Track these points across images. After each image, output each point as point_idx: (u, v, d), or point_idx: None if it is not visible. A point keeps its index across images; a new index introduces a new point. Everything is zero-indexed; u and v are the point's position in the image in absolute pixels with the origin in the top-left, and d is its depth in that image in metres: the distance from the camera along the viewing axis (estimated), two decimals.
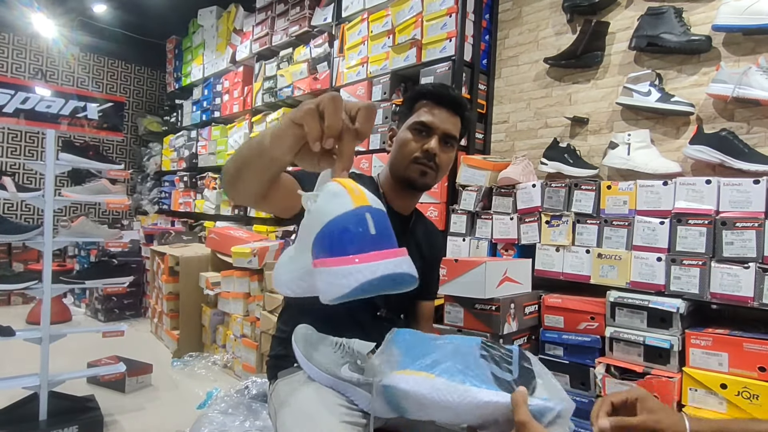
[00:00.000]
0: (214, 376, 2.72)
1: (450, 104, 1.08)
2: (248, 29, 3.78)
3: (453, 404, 0.69)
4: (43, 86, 1.95)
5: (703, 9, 1.85)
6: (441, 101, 1.08)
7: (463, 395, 0.69)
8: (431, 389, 0.71)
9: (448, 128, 1.08)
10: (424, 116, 1.07)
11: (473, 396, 0.69)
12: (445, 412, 0.72)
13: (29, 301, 4.19)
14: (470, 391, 0.69)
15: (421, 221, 1.24)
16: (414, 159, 1.07)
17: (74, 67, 5.18)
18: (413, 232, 1.18)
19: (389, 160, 1.14)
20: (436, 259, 1.25)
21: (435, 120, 1.07)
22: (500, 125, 2.48)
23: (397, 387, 0.74)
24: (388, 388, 0.75)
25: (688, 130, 1.86)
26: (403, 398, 0.75)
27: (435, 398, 0.70)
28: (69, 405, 2.01)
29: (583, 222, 1.86)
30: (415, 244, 1.19)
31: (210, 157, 4.15)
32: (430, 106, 1.08)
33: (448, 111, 1.08)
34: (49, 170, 1.90)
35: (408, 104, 1.11)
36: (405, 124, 1.10)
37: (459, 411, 0.70)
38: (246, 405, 1.26)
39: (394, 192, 1.13)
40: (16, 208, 4.81)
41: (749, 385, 1.39)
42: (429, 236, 1.24)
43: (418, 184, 1.11)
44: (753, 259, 1.48)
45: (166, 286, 3.29)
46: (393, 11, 2.56)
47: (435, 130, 1.07)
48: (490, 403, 0.68)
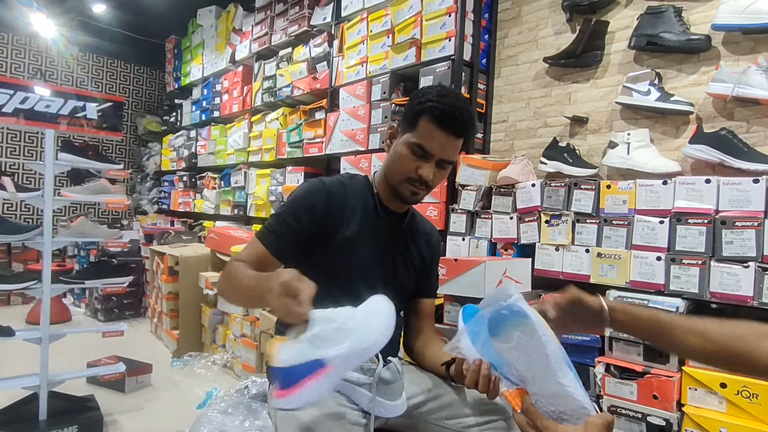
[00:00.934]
0: (214, 376, 2.72)
1: (454, 129, 1.03)
2: (247, 29, 3.78)
3: (550, 365, 0.68)
4: (43, 86, 1.94)
5: (703, 8, 1.85)
6: (445, 125, 1.02)
7: (563, 370, 0.69)
8: (547, 338, 0.70)
9: (446, 155, 1.05)
10: (424, 140, 1.02)
11: (569, 378, 0.68)
12: (533, 363, 0.71)
13: (29, 301, 4.19)
14: (569, 373, 0.69)
15: (416, 219, 1.23)
16: (407, 179, 1.06)
17: (73, 67, 5.17)
18: (407, 230, 1.18)
19: (386, 163, 1.12)
20: (434, 257, 1.25)
21: (434, 146, 1.02)
22: (500, 125, 2.48)
23: (526, 312, 0.72)
24: (515, 307, 0.73)
25: (687, 129, 1.86)
26: (519, 326, 0.73)
27: (545, 347, 0.69)
28: (69, 405, 2.00)
29: (582, 221, 1.86)
30: (412, 241, 1.19)
31: (209, 156, 4.15)
32: (432, 127, 1.02)
33: (451, 135, 1.03)
34: (49, 170, 1.90)
35: (412, 115, 1.05)
36: (405, 137, 1.06)
37: (546, 373, 0.69)
38: (246, 405, 1.26)
39: (388, 195, 1.13)
40: (16, 208, 4.81)
41: (749, 384, 1.39)
42: (426, 234, 1.24)
43: (408, 201, 1.11)
44: (752, 258, 1.48)
45: (165, 285, 3.29)
46: (392, 11, 2.55)
47: (433, 156, 1.04)
48: (569, 396, 0.68)
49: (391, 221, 1.15)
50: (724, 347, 0.72)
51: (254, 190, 3.51)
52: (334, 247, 1.05)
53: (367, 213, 1.11)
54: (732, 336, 0.72)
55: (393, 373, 0.96)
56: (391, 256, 1.13)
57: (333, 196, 1.07)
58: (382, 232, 1.12)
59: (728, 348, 0.71)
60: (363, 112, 2.66)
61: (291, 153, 3.22)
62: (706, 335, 0.73)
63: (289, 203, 1.07)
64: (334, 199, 1.07)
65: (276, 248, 1.03)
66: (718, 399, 1.44)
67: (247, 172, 3.61)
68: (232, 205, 3.79)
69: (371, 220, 1.11)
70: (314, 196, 1.06)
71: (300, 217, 1.04)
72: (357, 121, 2.69)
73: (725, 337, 0.72)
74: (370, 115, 2.63)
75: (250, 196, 3.57)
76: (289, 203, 1.07)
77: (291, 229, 1.03)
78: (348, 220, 1.07)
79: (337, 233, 1.06)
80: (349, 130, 2.71)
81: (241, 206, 3.68)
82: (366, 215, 1.10)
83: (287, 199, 1.09)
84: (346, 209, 1.08)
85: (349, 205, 1.09)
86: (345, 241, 1.06)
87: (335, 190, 1.09)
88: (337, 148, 2.80)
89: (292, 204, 1.07)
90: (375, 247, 1.09)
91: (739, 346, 0.71)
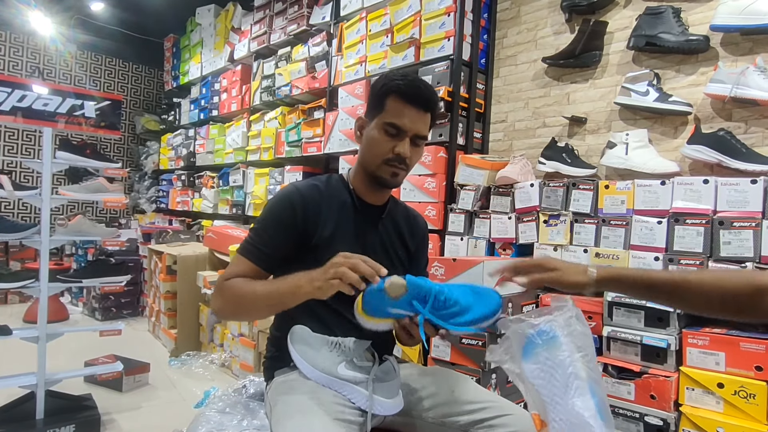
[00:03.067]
0: (212, 375, 2.72)
1: (421, 103, 1.05)
2: (246, 28, 3.78)
3: (569, 387, 0.71)
4: (41, 84, 1.94)
5: (702, 9, 1.85)
6: (412, 100, 1.04)
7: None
8: (572, 359, 0.72)
9: (419, 129, 1.06)
10: (395, 117, 1.04)
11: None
12: (555, 383, 0.73)
13: (26, 299, 4.18)
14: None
15: (398, 208, 1.22)
16: (386, 160, 1.06)
17: (72, 65, 5.16)
18: (390, 220, 1.18)
19: (360, 155, 1.13)
20: (420, 244, 1.24)
21: (406, 121, 1.04)
22: (498, 125, 2.48)
23: (556, 333, 0.75)
24: (545, 327, 0.77)
25: (686, 129, 1.86)
26: (552, 347, 0.75)
27: (566, 368, 0.71)
28: (66, 404, 2.00)
29: (580, 221, 1.87)
30: (394, 231, 1.18)
31: (208, 155, 4.14)
32: (400, 104, 1.04)
33: (419, 110, 1.05)
34: (46, 168, 1.89)
35: (377, 98, 1.07)
36: (375, 120, 1.07)
37: (565, 395, 0.70)
38: (243, 404, 1.26)
39: (365, 186, 1.13)
40: (13, 207, 4.80)
41: (746, 384, 1.39)
42: (409, 221, 1.23)
43: (389, 184, 1.11)
44: (750, 259, 1.48)
45: (163, 284, 3.29)
46: (391, 10, 2.55)
47: (406, 132, 1.05)
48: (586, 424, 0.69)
49: (370, 214, 1.15)
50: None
51: (253, 189, 3.51)
52: (315, 249, 1.05)
53: (345, 210, 1.11)
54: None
55: (389, 371, 0.96)
56: (372, 249, 1.12)
57: (307, 200, 1.07)
58: (361, 227, 1.11)
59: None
60: (362, 111, 2.64)
61: (290, 152, 3.22)
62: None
63: (265, 215, 1.07)
64: (308, 203, 1.07)
65: (266, 263, 1.03)
66: (715, 399, 1.44)
67: (245, 171, 3.61)
68: (231, 204, 3.79)
69: (349, 216, 1.11)
70: (289, 204, 1.06)
71: (278, 228, 1.04)
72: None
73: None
74: None
75: (249, 195, 3.57)
76: (266, 214, 1.07)
77: (273, 242, 1.03)
78: (325, 221, 1.07)
79: (315, 235, 1.05)
80: (348, 130, 2.71)
81: (239, 205, 3.68)
82: (343, 212, 1.10)
83: (264, 211, 1.09)
84: (322, 211, 1.08)
85: (326, 206, 1.09)
86: (324, 241, 1.05)
87: (309, 194, 1.08)
88: (336, 148, 2.80)
89: (269, 215, 1.07)
90: (354, 243, 1.08)
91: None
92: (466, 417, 0.99)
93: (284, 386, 1.00)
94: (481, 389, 1.08)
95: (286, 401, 0.94)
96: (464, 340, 1.70)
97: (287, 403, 0.93)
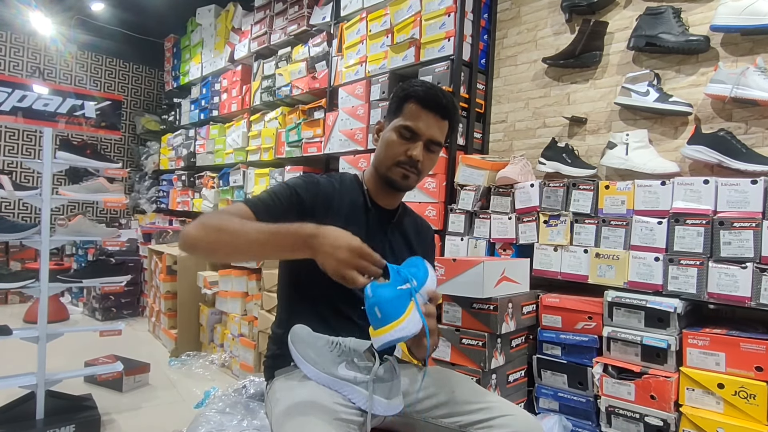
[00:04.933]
0: (212, 376, 2.72)
1: (439, 109, 1.07)
2: (246, 28, 3.78)
3: None
4: (41, 84, 1.94)
5: (702, 9, 1.85)
6: (429, 106, 1.07)
7: None
8: None
9: (434, 135, 1.08)
10: (410, 121, 1.06)
11: None
12: None
13: (26, 300, 4.18)
14: None
15: (408, 215, 1.24)
16: (397, 162, 1.08)
17: (72, 66, 5.16)
18: (399, 225, 1.19)
19: (374, 156, 1.14)
20: (426, 252, 1.25)
21: (421, 126, 1.06)
22: (498, 125, 2.48)
23: None
24: None
25: (686, 130, 1.86)
26: None
27: None
28: (66, 404, 2.00)
29: (581, 222, 1.87)
30: (402, 236, 1.19)
31: (208, 156, 4.14)
32: (418, 109, 1.06)
33: (436, 116, 1.07)
34: (47, 169, 1.89)
35: (396, 102, 1.10)
36: (392, 123, 1.10)
37: None
38: (243, 404, 1.26)
39: (377, 189, 1.15)
40: (14, 207, 4.80)
41: (746, 385, 1.39)
42: (417, 228, 1.25)
43: (400, 186, 1.12)
44: (750, 259, 1.48)
45: (163, 285, 3.29)
46: (392, 10, 2.55)
47: (421, 136, 1.07)
48: None
49: (381, 217, 1.15)
50: None
51: (253, 190, 3.51)
52: None
53: (356, 209, 1.12)
54: None
55: (389, 371, 0.96)
56: (381, 252, 1.12)
57: (323, 189, 1.10)
58: (370, 227, 1.12)
59: None
60: (362, 111, 2.65)
61: (290, 152, 3.22)
62: None
63: (281, 184, 1.09)
64: (324, 192, 1.09)
65: (264, 216, 1.00)
66: (715, 399, 1.44)
67: (245, 172, 3.61)
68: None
69: (360, 216, 1.12)
70: (306, 183, 1.09)
71: (291, 197, 1.05)
72: (356, 121, 2.69)
73: None
74: (369, 114, 2.63)
75: (249, 196, 3.57)
76: (281, 184, 1.09)
77: (282, 205, 1.04)
78: (335, 215, 1.08)
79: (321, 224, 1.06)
80: (348, 130, 2.71)
81: None
82: (354, 211, 1.11)
83: (282, 182, 1.11)
84: (333, 205, 1.09)
85: (337, 201, 1.10)
86: None
87: (325, 184, 1.11)
88: (336, 148, 2.80)
89: (284, 184, 1.09)
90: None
91: None
92: (466, 417, 0.99)
93: (284, 386, 1.00)
94: (481, 389, 1.08)
95: (286, 401, 0.94)
96: (464, 341, 1.70)
97: (287, 403, 0.93)
